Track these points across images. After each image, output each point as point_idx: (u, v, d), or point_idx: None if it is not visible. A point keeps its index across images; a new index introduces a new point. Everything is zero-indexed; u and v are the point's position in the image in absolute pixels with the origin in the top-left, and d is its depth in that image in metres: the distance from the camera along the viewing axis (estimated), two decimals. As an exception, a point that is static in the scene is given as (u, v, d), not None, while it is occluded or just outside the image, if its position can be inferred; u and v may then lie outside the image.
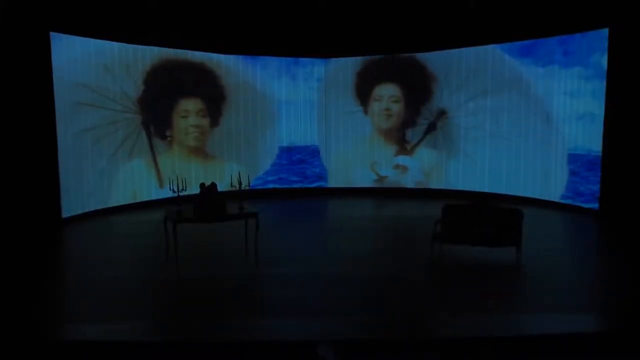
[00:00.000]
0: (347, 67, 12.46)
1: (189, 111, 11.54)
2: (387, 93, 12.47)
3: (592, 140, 9.59)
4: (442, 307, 5.56)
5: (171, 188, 7.26)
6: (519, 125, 10.86)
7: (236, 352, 4.67)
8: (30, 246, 7.95)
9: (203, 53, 11.47)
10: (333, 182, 12.71)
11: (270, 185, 12.47)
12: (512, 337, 4.87)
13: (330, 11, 10.85)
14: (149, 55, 10.72)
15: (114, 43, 10.05)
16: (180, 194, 7.15)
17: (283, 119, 12.45)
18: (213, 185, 7.19)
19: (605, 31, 9.17)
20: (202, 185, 7.21)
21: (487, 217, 6.97)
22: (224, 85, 11.88)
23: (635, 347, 4.66)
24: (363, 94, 12.56)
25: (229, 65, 11.87)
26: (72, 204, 9.40)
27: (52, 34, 8.86)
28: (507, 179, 11.13)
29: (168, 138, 11.39)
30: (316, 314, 5.32)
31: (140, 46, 10.49)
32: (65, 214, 9.25)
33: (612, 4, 8.92)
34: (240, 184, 7.41)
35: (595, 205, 9.49)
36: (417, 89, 12.18)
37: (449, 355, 4.54)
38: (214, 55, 11.64)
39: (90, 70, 9.78)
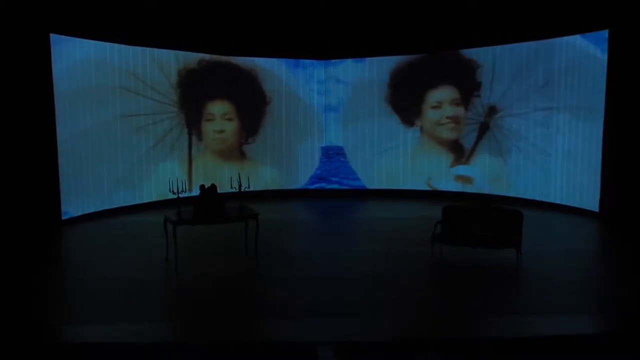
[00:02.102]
0: (377, 67, 11.99)
1: (214, 115, 11.58)
2: (447, 97, 11.28)
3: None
4: (441, 309, 5.56)
5: (171, 189, 7.25)
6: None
7: (236, 353, 4.67)
8: (30, 247, 7.94)
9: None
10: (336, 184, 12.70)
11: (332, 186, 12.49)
12: (512, 339, 4.87)
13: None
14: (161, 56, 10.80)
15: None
16: (180, 195, 7.15)
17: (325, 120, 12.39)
18: (213, 186, 7.19)
19: (605, 32, 9.18)
20: (202, 186, 7.21)
21: (487, 218, 6.97)
22: (263, 89, 11.92)
23: (635, 349, 4.66)
24: (401, 98, 11.75)
25: (265, 68, 11.90)
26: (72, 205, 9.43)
27: (52, 35, 8.88)
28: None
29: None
30: (316, 315, 5.32)
31: (138, 47, 10.52)
32: (65, 215, 9.25)
33: (612, 5, 8.94)
34: (240, 185, 7.42)
35: (595, 207, 9.49)
36: (466, 86, 11.09)
37: (449, 356, 4.53)
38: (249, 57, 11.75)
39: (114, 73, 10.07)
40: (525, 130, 10.57)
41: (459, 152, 11.45)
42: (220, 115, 11.64)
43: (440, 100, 11.40)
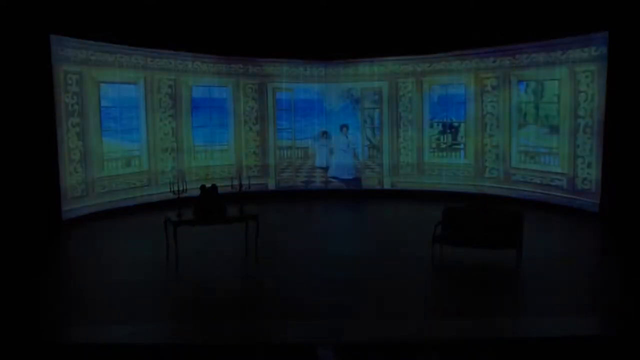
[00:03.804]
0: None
1: None
2: None
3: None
4: (441, 309, 5.57)
5: (171, 190, 7.25)
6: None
7: (237, 354, 4.66)
8: (31, 247, 7.93)
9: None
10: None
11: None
12: (512, 339, 4.87)
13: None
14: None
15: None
16: (181, 195, 7.14)
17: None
18: (213, 187, 7.19)
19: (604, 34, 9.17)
20: (202, 187, 7.21)
21: (488, 219, 6.96)
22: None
23: (635, 350, 4.65)
24: None
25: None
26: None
27: (51, 36, 8.90)
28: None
29: None
30: (316, 316, 5.32)
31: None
32: (65, 215, 9.24)
33: (612, 7, 8.93)
34: (240, 186, 7.41)
35: (595, 208, 9.48)
36: None
37: (449, 356, 4.53)
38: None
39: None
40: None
41: None
42: None
43: None
